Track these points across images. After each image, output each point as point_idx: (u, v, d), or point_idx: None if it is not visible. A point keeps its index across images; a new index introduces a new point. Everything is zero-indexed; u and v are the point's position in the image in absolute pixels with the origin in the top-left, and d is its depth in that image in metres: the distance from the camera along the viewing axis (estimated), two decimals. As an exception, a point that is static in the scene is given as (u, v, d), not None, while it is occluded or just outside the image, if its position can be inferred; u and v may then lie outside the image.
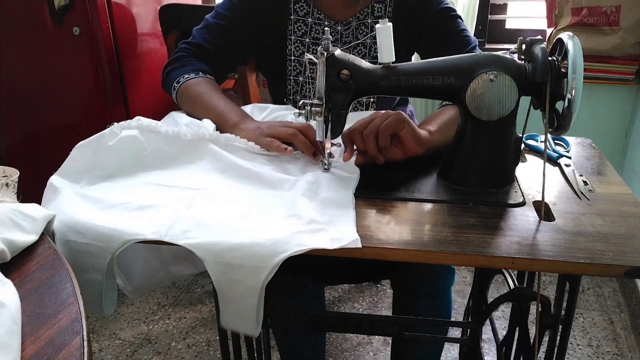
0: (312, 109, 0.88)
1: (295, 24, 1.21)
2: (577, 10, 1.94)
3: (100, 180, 0.90)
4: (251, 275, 0.74)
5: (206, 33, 1.21)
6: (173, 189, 0.87)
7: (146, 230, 0.76)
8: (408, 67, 0.90)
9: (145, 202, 0.83)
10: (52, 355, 0.52)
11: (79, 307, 0.58)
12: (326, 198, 0.84)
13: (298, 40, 1.22)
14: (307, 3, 1.21)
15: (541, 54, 0.82)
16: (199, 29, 1.23)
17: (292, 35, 1.22)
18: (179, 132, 0.97)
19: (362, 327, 1.03)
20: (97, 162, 0.92)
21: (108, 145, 0.92)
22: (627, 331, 1.77)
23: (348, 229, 0.76)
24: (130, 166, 0.93)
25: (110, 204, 0.83)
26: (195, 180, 0.90)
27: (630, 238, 0.75)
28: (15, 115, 1.92)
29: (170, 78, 1.17)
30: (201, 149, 0.97)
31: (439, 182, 0.92)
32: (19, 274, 0.64)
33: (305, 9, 1.21)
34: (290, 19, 1.21)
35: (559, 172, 0.97)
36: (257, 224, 0.78)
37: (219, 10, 1.22)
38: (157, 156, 0.95)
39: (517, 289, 1.03)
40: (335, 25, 1.20)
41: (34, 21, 1.74)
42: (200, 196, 0.85)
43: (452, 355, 1.67)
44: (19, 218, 0.70)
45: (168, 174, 0.93)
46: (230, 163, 0.93)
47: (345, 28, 1.21)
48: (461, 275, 2.08)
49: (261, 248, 0.73)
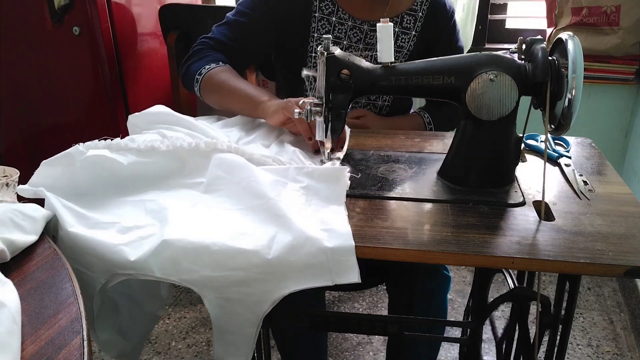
0: (312, 109, 0.89)
1: (319, 22, 1.22)
2: (577, 10, 1.94)
3: (73, 198, 0.83)
4: (252, 309, 0.74)
5: (226, 29, 1.23)
6: (153, 206, 0.81)
7: (135, 265, 0.71)
8: (408, 67, 0.90)
9: (128, 222, 0.77)
10: (52, 355, 0.52)
11: (79, 306, 0.58)
12: (318, 205, 0.81)
13: (321, 38, 1.22)
14: (332, 2, 1.21)
15: (541, 53, 0.82)
16: (219, 25, 1.25)
17: (315, 32, 1.23)
18: (152, 144, 0.88)
19: (362, 327, 1.03)
20: (67, 179, 0.85)
21: (76, 163, 0.84)
22: (627, 331, 1.77)
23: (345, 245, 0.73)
24: (104, 184, 0.86)
25: (92, 222, 0.78)
26: (174, 199, 0.83)
27: (630, 238, 0.75)
28: (15, 115, 1.92)
29: (190, 71, 1.18)
30: (182, 159, 0.89)
31: (438, 182, 0.92)
32: (19, 274, 0.64)
33: (330, 7, 1.21)
34: (314, 16, 1.22)
35: (559, 172, 0.97)
36: (251, 253, 0.72)
37: (240, 8, 1.23)
38: (133, 171, 0.87)
39: (517, 289, 1.03)
40: (362, 25, 1.21)
41: (34, 21, 1.74)
42: (181, 214, 0.78)
43: (452, 355, 1.67)
44: (19, 218, 0.70)
45: (147, 190, 0.86)
46: (213, 175, 0.86)
47: (370, 28, 1.21)
48: (461, 275, 2.08)
49: (261, 284, 0.72)
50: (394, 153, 1.04)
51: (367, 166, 0.98)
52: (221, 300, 0.73)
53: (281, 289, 0.72)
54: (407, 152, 1.05)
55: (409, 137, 1.12)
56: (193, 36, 1.66)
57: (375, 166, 0.98)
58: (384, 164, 0.99)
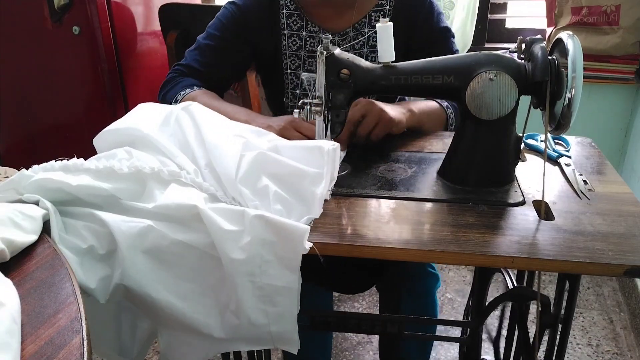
0: (312, 108, 0.88)
1: (290, 39, 1.20)
2: (577, 9, 1.94)
3: None
4: None
5: (197, 54, 1.21)
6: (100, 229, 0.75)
7: None
8: (408, 66, 0.90)
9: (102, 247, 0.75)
10: (52, 354, 0.52)
11: (79, 306, 0.58)
12: None
13: (293, 54, 1.21)
14: (300, 17, 1.19)
15: (541, 53, 0.82)
16: (191, 50, 1.23)
17: (287, 50, 1.21)
18: (112, 166, 0.80)
19: (362, 327, 1.03)
20: None
21: (20, 190, 0.78)
22: (626, 330, 1.77)
23: None
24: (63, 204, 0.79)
25: None
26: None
27: (630, 237, 0.75)
28: (15, 115, 1.92)
29: (167, 99, 1.17)
30: (141, 184, 0.81)
31: (438, 182, 0.92)
32: (18, 274, 0.64)
33: (298, 22, 1.19)
34: (283, 33, 1.20)
35: (559, 172, 0.97)
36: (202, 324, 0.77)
37: (210, 31, 1.21)
38: (81, 192, 0.78)
39: (517, 288, 1.03)
40: (333, 37, 1.20)
41: (33, 21, 1.74)
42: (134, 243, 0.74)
43: (452, 355, 1.67)
44: (19, 218, 0.69)
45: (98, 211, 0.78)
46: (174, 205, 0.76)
47: (342, 38, 1.20)
48: (461, 275, 2.08)
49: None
50: (393, 152, 1.04)
51: (366, 165, 0.98)
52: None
53: (224, 349, 0.83)
54: (406, 151, 1.05)
55: (409, 136, 1.12)
56: (193, 36, 1.66)
57: (375, 166, 0.98)
58: (383, 163, 0.99)
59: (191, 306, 0.76)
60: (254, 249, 0.72)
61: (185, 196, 0.75)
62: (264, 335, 0.77)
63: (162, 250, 0.74)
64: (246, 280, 0.73)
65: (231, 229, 0.72)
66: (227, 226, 0.72)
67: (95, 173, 0.79)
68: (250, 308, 0.74)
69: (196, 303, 0.76)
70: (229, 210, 0.74)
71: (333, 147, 0.83)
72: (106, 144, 0.90)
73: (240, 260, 0.72)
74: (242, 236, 0.72)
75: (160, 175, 0.80)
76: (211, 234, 0.72)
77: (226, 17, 1.20)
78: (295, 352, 0.78)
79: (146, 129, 0.88)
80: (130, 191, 0.80)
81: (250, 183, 0.81)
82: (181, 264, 0.75)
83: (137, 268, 0.73)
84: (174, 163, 0.84)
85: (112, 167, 0.79)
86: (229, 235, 0.72)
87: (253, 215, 0.72)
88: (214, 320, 0.77)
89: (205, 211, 0.72)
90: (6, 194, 0.78)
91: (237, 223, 0.73)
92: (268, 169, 0.83)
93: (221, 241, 0.72)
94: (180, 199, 0.75)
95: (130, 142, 0.88)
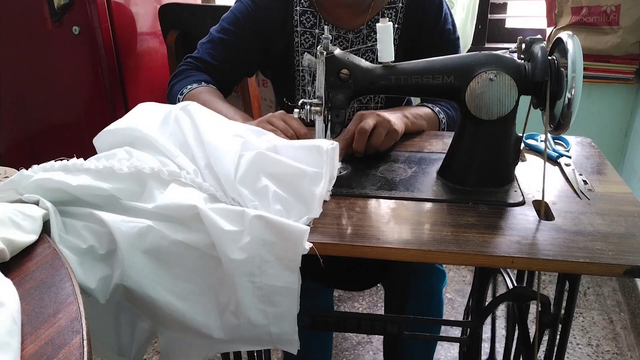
0: (312, 109, 0.88)
1: (302, 36, 1.21)
2: (577, 9, 1.94)
3: None
4: None
5: (210, 47, 1.21)
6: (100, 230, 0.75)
7: None
8: (408, 66, 0.89)
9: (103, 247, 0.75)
10: (52, 354, 0.52)
11: (79, 306, 0.58)
12: None
13: (306, 52, 1.21)
14: (313, 15, 1.20)
15: (541, 53, 0.82)
16: (204, 43, 1.23)
17: (299, 47, 1.22)
18: (112, 166, 0.79)
19: (362, 327, 1.03)
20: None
21: (20, 190, 0.77)
22: (626, 330, 1.77)
23: None
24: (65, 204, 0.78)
25: None
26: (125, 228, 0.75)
27: (630, 237, 0.75)
28: (15, 115, 1.92)
29: (174, 91, 1.18)
30: (142, 184, 0.81)
31: (438, 182, 0.92)
32: (18, 274, 0.64)
33: (312, 20, 1.20)
34: (296, 31, 1.21)
35: (559, 172, 0.97)
36: (202, 325, 0.77)
37: (224, 24, 1.22)
38: (82, 192, 0.78)
39: (516, 288, 1.03)
40: (346, 34, 1.20)
41: (33, 20, 1.74)
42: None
43: (452, 355, 1.67)
44: (19, 218, 0.69)
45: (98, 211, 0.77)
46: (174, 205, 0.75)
47: (356, 36, 1.20)
48: (461, 275, 2.08)
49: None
50: (393, 152, 1.04)
51: (366, 165, 0.98)
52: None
53: (223, 350, 0.84)
54: (406, 151, 1.05)
55: (409, 136, 1.12)
56: (193, 36, 1.66)
57: (375, 166, 0.98)
58: (383, 163, 0.99)
59: (191, 306, 0.75)
60: (253, 249, 0.72)
61: (185, 196, 0.75)
62: (263, 336, 0.77)
63: (162, 250, 0.74)
64: (246, 280, 0.73)
65: (231, 229, 0.72)
66: (226, 226, 0.72)
67: (95, 173, 0.79)
68: (250, 308, 0.74)
69: (196, 303, 0.76)
70: (229, 211, 0.74)
71: (332, 146, 0.83)
72: (106, 144, 0.89)
73: (240, 261, 0.72)
74: (241, 236, 0.72)
75: (160, 176, 0.80)
76: (211, 234, 0.72)
77: (241, 12, 1.20)
78: (295, 353, 0.78)
79: (146, 129, 0.88)
80: (130, 191, 0.79)
81: (250, 183, 0.81)
82: (181, 264, 0.75)
83: (137, 268, 0.73)
84: (174, 163, 0.83)
85: (112, 167, 0.79)
86: (228, 236, 0.72)
87: (253, 215, 0.72)
88: (214, 321, 0.77)
89: (205, 211, 0.72)
90: (6, 194, 0.78)
91: (237, 223, 0.73)
92: (267, 169, 0.83)
93: (221, 241, 0.72)
94: (180, 199, 0.75)
95: (130, 142, 0.87)
